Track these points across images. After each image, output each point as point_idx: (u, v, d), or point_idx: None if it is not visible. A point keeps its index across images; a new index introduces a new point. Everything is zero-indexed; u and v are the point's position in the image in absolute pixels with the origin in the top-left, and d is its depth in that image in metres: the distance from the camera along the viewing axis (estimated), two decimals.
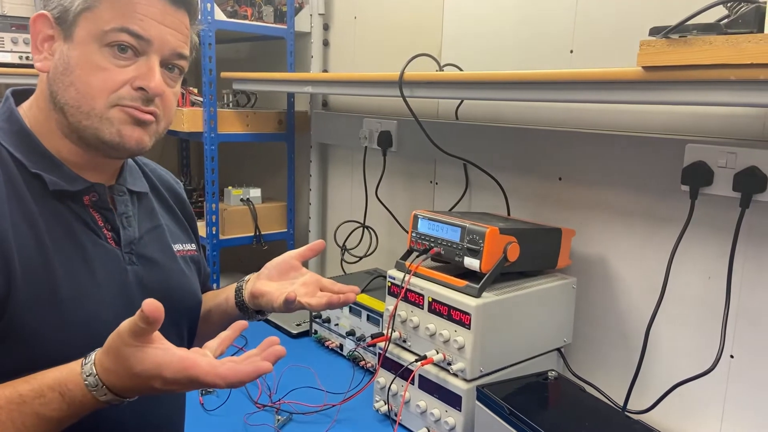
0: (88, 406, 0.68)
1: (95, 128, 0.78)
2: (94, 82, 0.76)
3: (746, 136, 1.13)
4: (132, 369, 0.67)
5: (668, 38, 0.87)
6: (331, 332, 1.64)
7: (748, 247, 1.13)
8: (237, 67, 2.33)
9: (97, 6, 0.76)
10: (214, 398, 1.37)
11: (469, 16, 1.62)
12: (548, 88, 1.13)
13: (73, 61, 0.77)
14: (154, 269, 0.89)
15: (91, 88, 0.76)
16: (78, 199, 0.81)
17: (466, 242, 1.20)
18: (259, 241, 2.13)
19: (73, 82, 0.77)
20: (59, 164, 0.80)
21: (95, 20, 0.76)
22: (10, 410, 0.66)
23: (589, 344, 1.40)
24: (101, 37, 0.76)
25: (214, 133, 1.96)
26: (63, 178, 0.79)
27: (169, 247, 0.94)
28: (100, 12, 0.76)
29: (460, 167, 1.64)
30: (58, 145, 0.81)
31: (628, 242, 1.32)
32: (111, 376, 0.68)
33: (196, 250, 1.01)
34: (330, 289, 0.92)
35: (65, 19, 0.77)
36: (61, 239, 0.78)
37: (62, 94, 0.78)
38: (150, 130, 0.81)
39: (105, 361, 0.68)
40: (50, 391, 0.68)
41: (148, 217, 0.92)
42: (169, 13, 0.79)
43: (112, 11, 0.76)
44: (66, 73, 0.77)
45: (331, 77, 1.91)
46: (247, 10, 2.03)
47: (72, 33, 0.77)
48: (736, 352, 1.16)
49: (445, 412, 1.19)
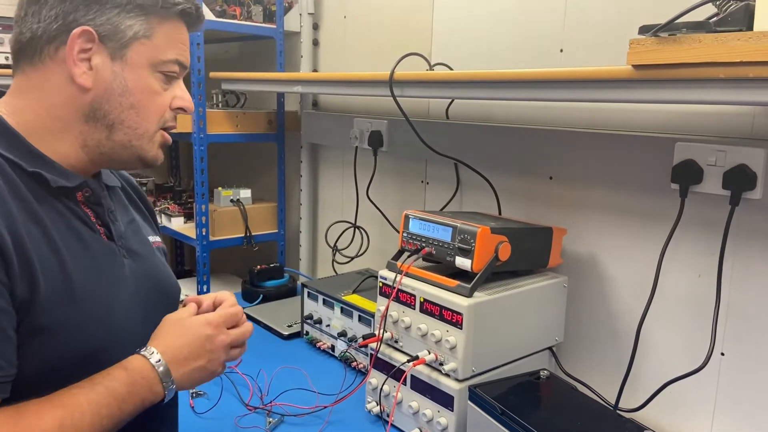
0: (148, 378, 0.79)
1: (141, 148, 0.85)
2: (152, 106, 0.84)
3: (735, 134, 1.13)
4: (183, 321, 0.86)
5: (658, 37, 0.87)
6: (323, 333, 1.63)
7: (737, 244, 1.13)
8: (226, 67, 2.32)
9: (154, 35, 0.82)
10: (205, 401, 1.36)
11: (459, 15, 1.62)
12: (538, 87, 1.13)
13: (131, 84, 0.82)
14: (141, 261, 0.91)
15: (149, 112, 0.84)
16: (72, 196, 0.82)
17: (458, 242, 1.20)
18: (250, 242, 2.12)
19: (133, 104, 0.82)
20: (51, 162, 0.81)
21: (153, 48, 0.82)
22: (83, 388, 0.74)
23: (580, 343, 1.40)
24: (158, 65, 0.83)
25: (203, 134, 1.94)
26: (59, 175, 0.80)
27: (146, 240, 0.96)
28: (158, 42, 0.82)
29: (451, 167, 1.63)
30: (60, 149, 0.82)
31: (619, 241, 1.32)
32: (161, 341, 0.83)
33: (161, 242, 1.04)
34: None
35: (116, 40, 0.80)
36: (67, 237, 0.79)
37: (119, 115, 0.82)
38: None
39: (156, 337, 0.84)
40: (115, 369, 0.78)
41: (123, 210, 0.94)
42: (188, 36, 0.88)
43: (166, 41, 0.83)
44: (125, 95, 0.82)
45: (321, 77, 1.91)
46: (236, 10, 2.02)
47: (124, 55, 0.81)
48: (727, 349, 1.17)
49: (437, 412, 1.18)
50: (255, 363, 1.48)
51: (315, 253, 2.24)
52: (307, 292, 1.68)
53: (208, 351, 0.85)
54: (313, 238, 2.23)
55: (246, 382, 1.42)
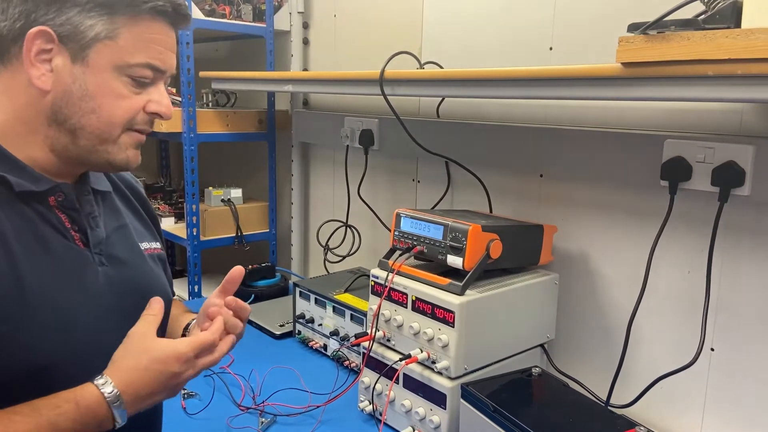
0: (100, 416, 0.73)
1: (107, 152, 0.80)
2: (118, 111, 0.79)
3: (724, 131, 1.14)
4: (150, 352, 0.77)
5: (646, 34, 0.88)
6: (315, 332, 1.63)
7: (726, 241, 1.14)
8: (216, 66, 2.31)
9: (118, 36, 0.76)
10: (197, 402, 1.35)
11: (449, 13, 1.62)
12: (528, 85, 1.13)
13: (92, 88, 0.77)
14: (124, 269, 0.87)
15: (114, 116, 0.79)
16: (43, 201, 0.79)
17: (449, 240, 1.20)
18: (241, 241, 2.11)
19: (94, 109, 0.78)
20: (22, 166, 0.78)
21: (117, 50, 0.77)
22: (26, 416, 0.70)
23: (572, 340, 1.41)
24: (124, 69, 0.78)
25: (193, 133, 1.93)
26: (28, 179, 0.77)
27: (136, 246, 0.92)
28: (123, 43, 0.77)
29: (442, 165, 1.64)
30: (31, 153, 0.79)
31: (609, 237, 1.33)
32: (122, 374, 0.76)
33: (161, 249, 1.00)
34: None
35: (76, 41, 0.75)
36: (29, 243, 0.76)
37: (79, 119, 0.78)
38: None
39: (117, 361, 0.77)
40: (65, 402, 0.72)
41: (113, 216, 0.91)
42: (171, 36, 0.82)
43: (134, 43, 0.77)
44: (85, 99, 0.77)
45: (312, 76, 1.90)
46: (226, 9, 2.01)
47: (85, 57, 0.76)
48: (717, 345, 1.18)
49: (430, 410, 1.19)
50: (247, 363, 1.48)
51: (307, 253, 2.24)
52: (299, 292, 1.67)
53: (172, 387, 0.80)
54: (304, 237, 2.23)
55: (238, 382, 1.42)
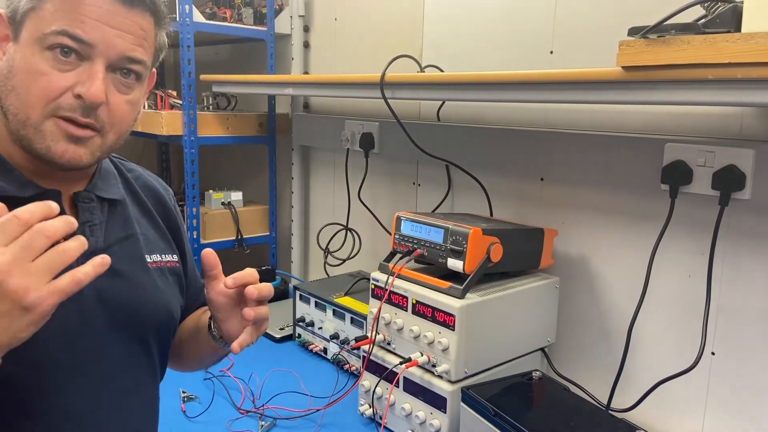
0: None
1: (29, 139, 0.73)
2: (34, 89, 0.71)
3: (724, 135, 1.14)
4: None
5: (647, 38, 0.88)
6: (315, 336, 1.63)
7: (727, 244, 1.14)
8: (216, 69, 2.31)
9: (42, 6, 0.72)
10: (196, 405, 1.35)
11: (450, 17, 1.62)
12: (529, 89, 1.13)
13: (15, 63, 0.72)
14: (118, 281, 0.83)
15: (30, 95, 0.72)
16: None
17: (450, 243, 1.20)
18: (241, 244, 2.11)
19: (14, 86, 0.72)
20: (11, 169, 0.76)
21: (38, 21, 0.72)
22: None
23: (572, 344, 1.40)
24: (42, 40, 0.71)
25: (194, 137, 1.93)
26: (12, 184, 0.75)
27: (140, 258, 0.88)
28: (44, 13, 0.71)
29: (443, 168, 1.64)
30: (10, 151, 0.77)
31: (610, 241, 1.33)
32: None
33: (177, 262, 0.95)
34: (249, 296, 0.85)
35: (14, 19, 0.73)
36: None
37: (4, 99, 0.73)
38: (90, 144, 0.75)
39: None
40: None
41: (120, 225, 0.87)
42: (119, 13, 0.74)
43: (55, 12, 0.71)
44: (9, 76, 0.73)
45: (312, 79, 1.90)
46: (226, 12, 2.01)
47: (19, 34, 0.73)
48: (717, 349, 1.17)
49: (430, 414, 1.18)
50: (247, 366, 1.48)
51: (307, 256, 2.24)
52: (299, 295, 1.67)
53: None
54: (304, 240, 2.23)
55: (238, 385, 1.42)
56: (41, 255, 0.60)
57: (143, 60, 0.78)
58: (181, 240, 0.99)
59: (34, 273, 0.59)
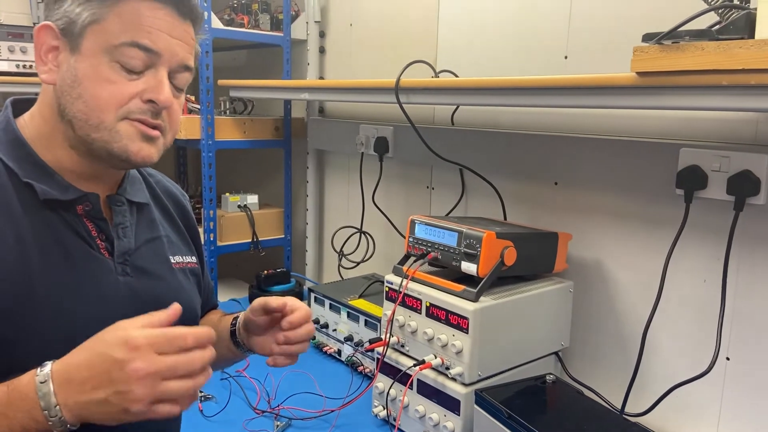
0: (27, 402, 0.64)
1: (104, 141, 0.78)
2: (103, 95, 0.76)
3: (739, 140, 1.14)
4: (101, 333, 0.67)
5: (661, 44, 0.89)
6: (329, 338, 1.64)
7: (742, 249, 1.14)
8: (234, 74, 2.34)
9: (105, 19, 0.76)
10: (213, 404, 1.37)
11: (464, 22, 1.64)
12: (543, 94, 1.14)
13: (80, 73, 0.76)
14: (149, 281, 0.87)
15: (99, 101, 0.76)
16: (71, 209, 0.80)
17: (463, 247, 1.21)
18: (257, 247, 2.13)
19: (81, 94, 0.76)
20: (52, 173, 0.79)
21: (103, 33, 0.76)
22: None
23: (586, 348, 1.40)
24: (111, 51, 0.76)
25: (211, 141, 1.96)
26: (54, 187, 0.79)
27: (166, 259, 0.92)
28: (108, 25, 0.76)
29: (457, 172, 1.65)
30: (60, 156, 0.80)
31: (624, 246, 1.33)
32: (65, 357, 0.66)
33: (196, 263, 0.99)
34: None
35: (71, 31, 0.77)
36: (49, 250, 0.77)
37: (70, 107, 0.77)
38: (158, 144, 0.82)
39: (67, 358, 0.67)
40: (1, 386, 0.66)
41: (147, 228, 0.91)
42: (177, 24, 0.80)
43: (120, 24, 0.76)
44: (74, 85, 0.77)
45: (328, 84, 1.92)
46: (244, 18, 2.04)
47: (79, 45, 0.77)
48: (732, 354, 1.17)
49: (443, 416, 1.19)
50: (262, 367, 1.48)
51: (321, 258, 2.26)
52: (313, 297, 1.69)
53: (113, 381, 0.63)
54: (319, 243, 2.24)
55: (254, 385, 1.44)
56: (171, 381, 0.65)
57: (192, 67, 0.84)
58: (199, 242, 1.03)
59: (155, 392, 0.64)
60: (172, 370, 0.65)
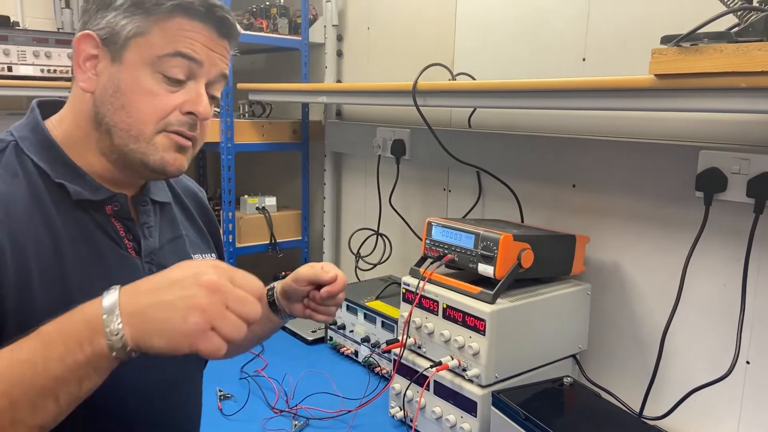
0: (86, 315, 0.63)
1: (141, 152, 0.80)
2: (146, 107, 0.78)
3: (759, 142, 1.13)
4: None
5: (679, 46, 0.89)
6: (346, 339, 1.65)
7: (762, 252, 1.13)
8: (253, 78, 2.37)
9: (150, 32, 0.78)
10: (232, 403, 1.39)
11: (482, 25, 1.64)
12: (561, 96, 1.14)
13: (123, 84, 0.78)
14: None
15: (142, 113, 0.78)
16: (100, 209, 0.82)
17: (480, 249, 1.21)
18: (275, 248, 2.15)
19: (123, 105, 0.78)
20: (82, 174, 0.81)
21: (147, 46, 0.78)
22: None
23: (604, 351, 1.40)
24: (154, 63, 0.78)
25: (230, 143, 1.99)
26: (86, 188, 0.81)
27: (188, 258, 0.94)
28: (153, 39, 0.78)
29: (473, 175, 1.65)
30: (90, 160, 0.82)
31: (643, 248, 1.32)
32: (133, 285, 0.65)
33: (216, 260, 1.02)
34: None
35: (114, 42, 0.79)
36: (82, 249, 0.79)
37: (111, 117, 0.79)
38: (188, 153, 0.84)
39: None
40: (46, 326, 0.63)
41: (169, 227, 0.93)
42: (216, 41, 0.82)
43: (164, 38, 0.78)
44: (116, 95, 0.78)
45: (345, 87, 1.94)
46: (263, 23, 2.07)
47: (121, 56, 0.79)
48: (752, 357, 1.16)
49: (460, 417, 1.20)
50: (280, 367, 1.51)
51: (338, 260, 2.27)
52: None
53: (184, 286, 0.62)
54: (336, 245, 2.26)
55: (272, 385, 1.45)
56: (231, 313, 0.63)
57: (227, 75, 0.88)
58: (219, 239, 1.06)
59: (217, 311, 0.62)
60: (237, 301, 0.64)
